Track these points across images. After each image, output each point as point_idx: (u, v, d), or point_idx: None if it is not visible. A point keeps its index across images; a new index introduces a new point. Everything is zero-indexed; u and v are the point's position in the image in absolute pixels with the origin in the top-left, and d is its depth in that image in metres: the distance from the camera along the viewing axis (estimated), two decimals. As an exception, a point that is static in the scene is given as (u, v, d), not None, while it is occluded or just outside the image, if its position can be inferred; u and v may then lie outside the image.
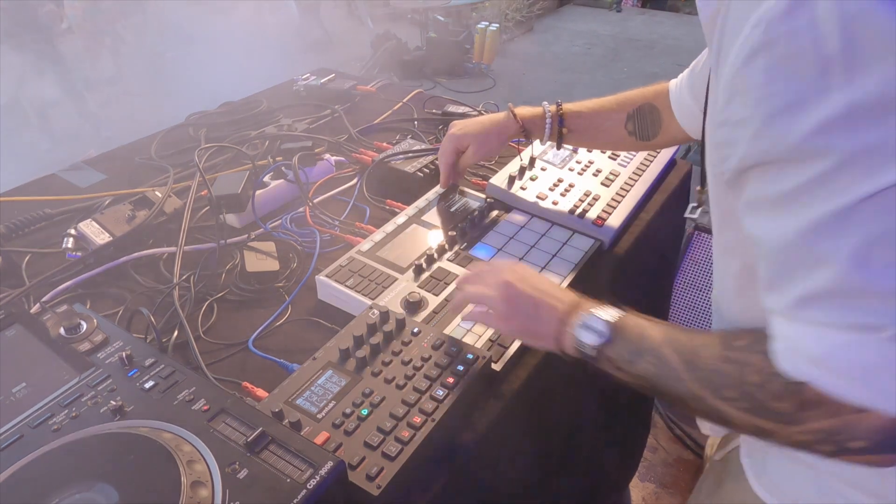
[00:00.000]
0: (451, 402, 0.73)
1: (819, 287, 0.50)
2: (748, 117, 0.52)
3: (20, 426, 0.63)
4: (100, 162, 1.40)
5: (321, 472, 0.59)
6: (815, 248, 0.49)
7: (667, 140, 1.08)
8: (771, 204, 0.53)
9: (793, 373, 0.53)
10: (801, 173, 0.49)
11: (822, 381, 0.51)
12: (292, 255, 1.07)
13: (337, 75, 1.74)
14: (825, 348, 0.50)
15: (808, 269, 0.50)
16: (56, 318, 0.76)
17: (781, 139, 0.50)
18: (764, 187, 0.53)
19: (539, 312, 0.75)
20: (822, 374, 0.51)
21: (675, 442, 2.09)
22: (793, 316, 0.52)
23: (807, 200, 0.49)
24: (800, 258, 0.51)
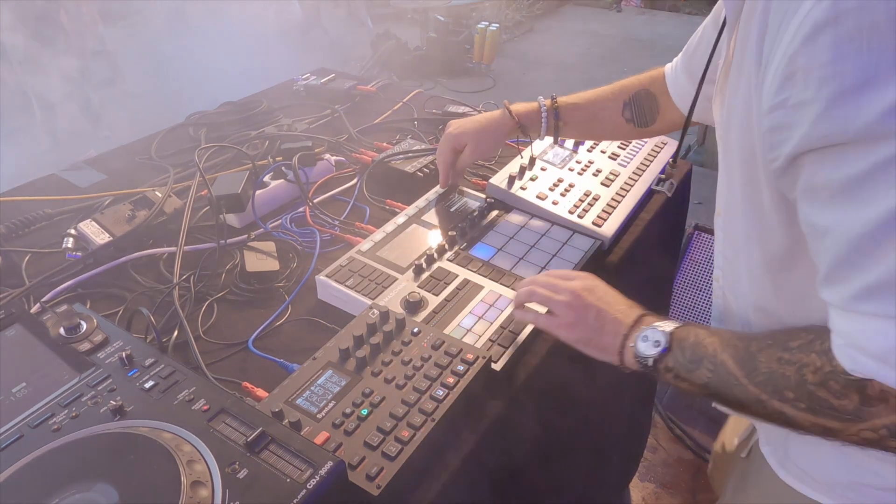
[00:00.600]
0: (451, 402, 0.73)
1: (881, 278, 0.48)
2: (810, 99, 0.48)
3: (20, 426, 0.63)
4: (100, 162, 1.40)
5: (321, 472, 0.59)
6: (883, 239, 0.47)
7: (665, 126, 1.07)
8: (834, 192, 0.50)
9: (854, 370, 0.52)
10: (867, 157, 0.47)
11: (886, 376, 0.50)
12: (292, 255, 1.07)
13: (337, 75, 1.74)
14: (889, 343, 0.49)
15: (873, 260, 0.48)
16: (56, 318, 0.76)
17: (850, 121, 0.46)
18: (824, 173, 0.50)
19: (604, 325, 0.75)
20: (886, 369, 0.49)
21: (675, 442, 2.09)
22: (851, 308, 0.51)
23: (876, 188, 0.47)
24: (865, 249, 0.49)
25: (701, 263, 2.15)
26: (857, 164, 0.48)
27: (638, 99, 1.05)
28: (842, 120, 0.47)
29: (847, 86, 0.46)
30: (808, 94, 0.49)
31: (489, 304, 0.92)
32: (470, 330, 0.88)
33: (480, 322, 0.89)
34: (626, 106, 1.06)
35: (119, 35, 4.78)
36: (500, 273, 0.98)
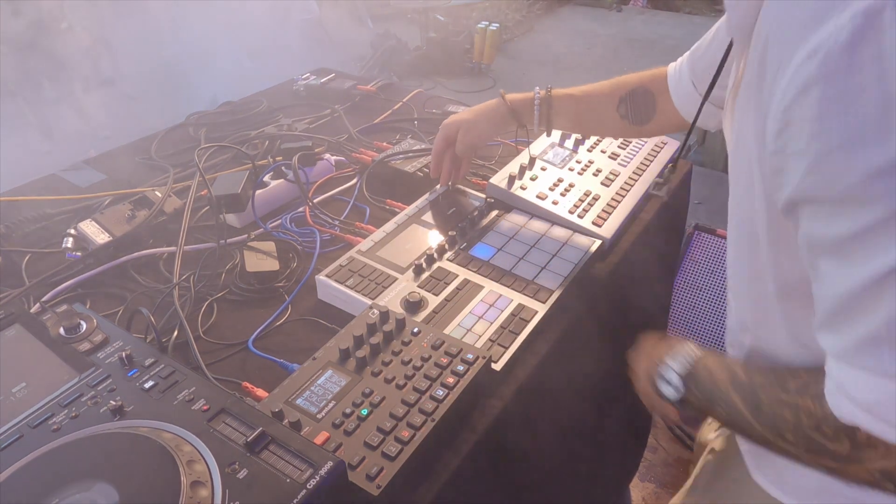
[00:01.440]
0: (451, 402, 0.73)
1: (877, 334, 0.49)
2: (802, 151, 0.49)
3: (20, 426, 0.63)
4: (100, 162, 1.40)
5: (321, 472, 0.59)
6: (878, 297, 0.48)
7: (662, 126, 1.06)
8: (829, 247, 0.51)
9: (842, 416, 0.53)
10: (857, 218, 0.47)
11: (871, 427, 0.51)
12: (292, 254, 1.07)
13: (337, 75, 1.75)
14: (876, 396, 0.50)
15: (869, 315, 0.49)
16: (56, 317, 0.76)
17: (836, 178, 0.47)
18: (819, 227, 0.51)
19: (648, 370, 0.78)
20: (872, 420, 0.51)
21: (675, 442, 2.09)
22: (848, 360, 0.52)
23: (869, 249, 0.48)
24: (861, 305, 0.50)
25: (701, 263, 2.15)
26: (846, 224, 0.48)
27: (635, 96, 1.04)
28: (829, 176, 0.48)
29: (833, 144, 0.46)
30: (800, 144, 0.49)
31: (489, 304, 0.92)
32: (470, 330, 0.88)
33: (480, 322, 0.89)
34: (621, 102, 1.05)
35: (119, 34, 4.78)
36: (500, 273, 0.98)
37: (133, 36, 4.63)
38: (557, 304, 0.95)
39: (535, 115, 1.07)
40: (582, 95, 1.07)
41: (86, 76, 4.58)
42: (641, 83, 1.05)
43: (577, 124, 1.13)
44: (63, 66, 4.27)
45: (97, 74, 4.83)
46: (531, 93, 1.07)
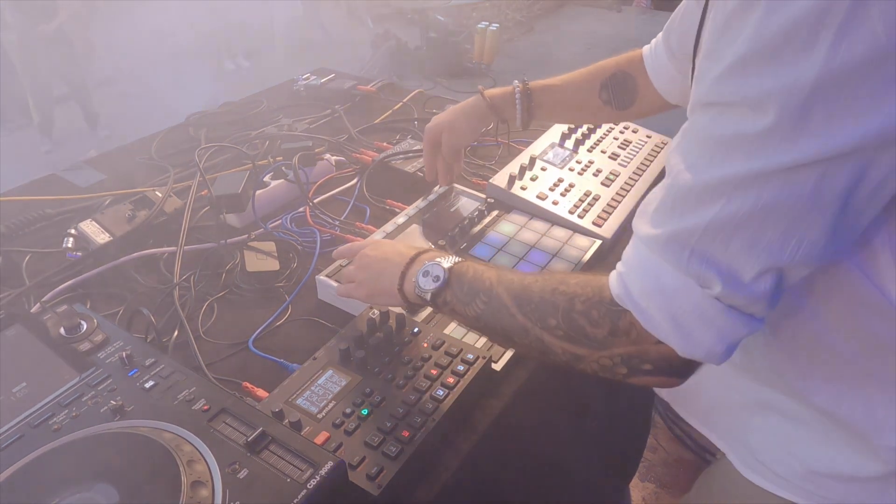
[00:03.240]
0: (451, 402, 0.73)
1: (689, 230, 0.52)
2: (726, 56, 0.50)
3: (20, 426, 0.63)
4: (100, 162, 1.40)
5: (321, 472, 0.59)
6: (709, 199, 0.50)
7: (644, 108, 1.06)
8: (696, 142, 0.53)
9: (619, 297, 0.57)
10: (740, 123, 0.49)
11: (642, 314, 0.56)
12: (292, 254, 1.07)
13: (337, 75, 1.75)
14: (657, 286, 0.54)
15: (692, 212, 0.52)
16: (56, 317, 0.76)
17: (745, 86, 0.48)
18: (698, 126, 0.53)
19: (383, 269, 0.80)
20: (645, 308, 0.55)
21: (675, 442, 2.09)
22: (652, 247, 0.55)
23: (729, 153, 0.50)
24: (691, 202, 0.52)
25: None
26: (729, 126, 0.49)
27: (615, 80, 1.04)
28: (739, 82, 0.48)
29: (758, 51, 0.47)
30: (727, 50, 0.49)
31: (489, 304, 0.92)
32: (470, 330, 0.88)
33: (480, 322, 0.89)
34: (602, 87, 1.04)
35: (118, 34, 4.78)
36: (501, 273, 0.98)
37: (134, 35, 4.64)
38: (557, 304, 0.94)
39: (518, 109, 1.06)
40: (562, 84, 1.07)
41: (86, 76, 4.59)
42: (619, 67, 1.05)
43: (561, 115, 1.13)
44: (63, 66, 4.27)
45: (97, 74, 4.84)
46: (510, 87, 1.07)
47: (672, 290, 0.53)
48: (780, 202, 0.48)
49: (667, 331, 0.55)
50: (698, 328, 0.53)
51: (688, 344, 0.55)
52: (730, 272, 0.51)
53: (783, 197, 0.48)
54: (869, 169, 0.46)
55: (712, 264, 0.51)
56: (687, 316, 0.53)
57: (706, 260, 0.51)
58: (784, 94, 0.46)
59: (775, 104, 0.46)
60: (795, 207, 0.48)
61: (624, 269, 0.58)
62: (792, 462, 0.73)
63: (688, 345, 0.55)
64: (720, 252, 0.51)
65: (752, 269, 0.50)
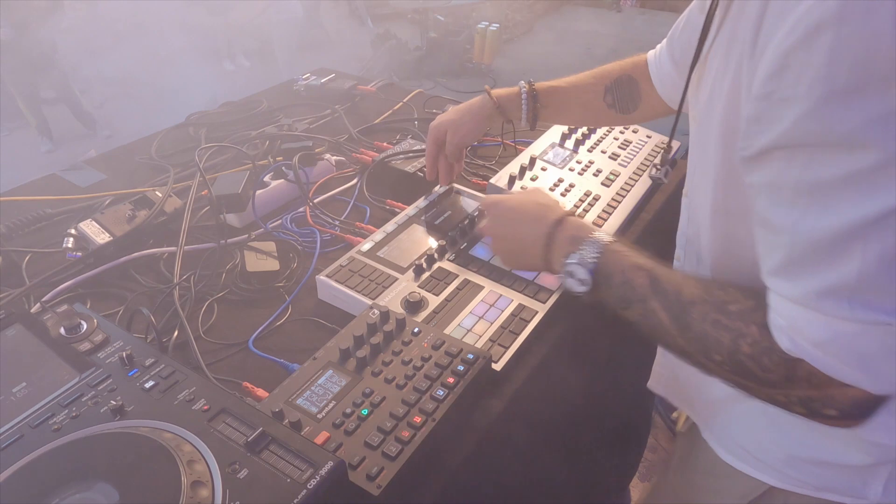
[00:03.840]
0: (451, 402, 0.73)
1: (839, 283, 0.50)
2: (798, 96, 0.48)
3: (20, 426, 0.63)
4: (100, 162, 1.40)
5: (321, 472, 0.59)
6: (844, 247, 0.49)
7: (648, 113, 1.07)
8: (799, 192, 0.51)
9: (791, 350, 0.54)
10: (840, 164, 0.47)
11: (821, 363, 0.53)
12: (292, 254, 1.07)
13: (337, 75, 1.74)
14: (830, 335, 0.52)
15: (831, 264, 0.50)
16: (56, 317, 0.76)
17: (834, 124, 0.47)
18: (793, 173, 0.51)
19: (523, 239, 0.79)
20: (823, 356, 0.53)
21: (675, 442, 2.09)
22: (805, 304, 0.53)
23: (844, 195, 0.48)
24: (825, 254, 0.50)
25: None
26: (830, 168, 0.48)
27: (620, 84, 1.05)
28: (827, 122, 0.47)
29: (838, 89, 0.46)
30: (797, 90, 0.48)
31: (489, 304, 0.92)
32: (470, 330, 0.88)
33: (480, 322, 0.89)
34: (607, 91, 1.05)
35: (118, 34, 4.78)
36: (500, 273, 0.98)
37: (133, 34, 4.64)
38: (557, 305, 0.94)
39: (524, 110, 1.07)
40: (568, 87, 1.08)
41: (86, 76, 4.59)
42: (624, 71, 1.06)
43: (565, 116, 1.14)
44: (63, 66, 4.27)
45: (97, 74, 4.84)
46: (516, 87, 1.07)
47: (851, 336, 0.51)
48: None
49: (855, 376, 0.53)
50: (888, 363, 0.52)
51: (880, 382, 0.53)
52: None
53: None
54: None
55: (877, 308, 0.49)
56: (873, 356, 0.52)
57: (869, 307, 0.50)
58: (880, 125, 0.45)
59: (874, 138, 0.45)
60: None
61: (785, 322, 0.55)
62: (773, 447, 0.74)
63: (880, 383, 0.53)
64: (879, 297, 0.49)
65: None
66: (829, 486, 0.73)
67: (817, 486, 0.73)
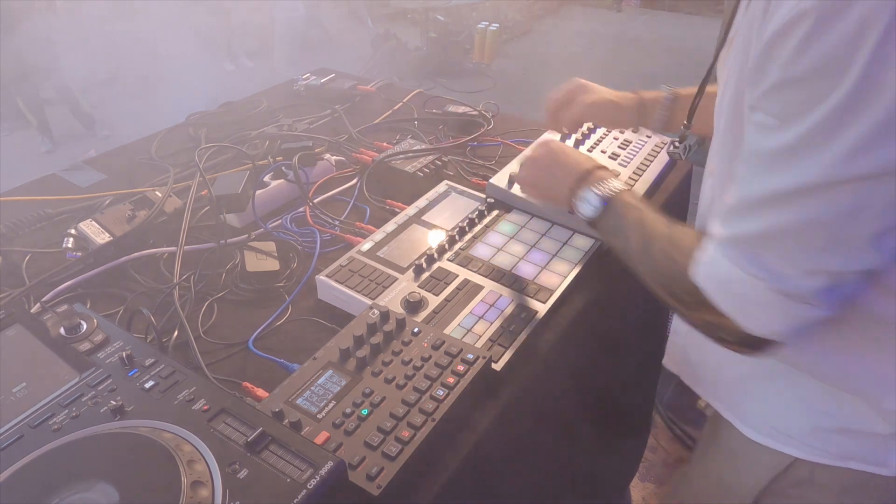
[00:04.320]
0: (451, 402, 0.73)
1: (744, 235, 0.62)
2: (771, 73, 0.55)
3: (20, 426, 0.63)
4: (100, 162, 1.40)
5: (321, 472, 0.59)
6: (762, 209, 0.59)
7: None
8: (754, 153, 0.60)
9: (701, 284, 0.67)
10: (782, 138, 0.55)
11: (711, 295, 0.66)
12: (292, 254, 1.07)
13: (337, 75, 1.74)
14: (723, 274, 0.64)
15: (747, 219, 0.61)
16: (56, 317, 0.76)
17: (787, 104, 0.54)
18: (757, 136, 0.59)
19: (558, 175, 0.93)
20: (714, 290, 0.66)
21: (675, 442, 2.09)
22: (718, 244, 0.65)
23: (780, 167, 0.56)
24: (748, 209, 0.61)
25: (701, 263, 2.15)
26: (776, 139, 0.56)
27: None
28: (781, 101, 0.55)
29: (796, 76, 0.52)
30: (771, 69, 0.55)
31: (489, 304, 0.92)
32: (470, 330, 0.88)
33: (480, 322, 0.89)
34: None
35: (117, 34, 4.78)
36: (501, 273, 0.98)
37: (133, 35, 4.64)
38: (557, 305, 0.95)
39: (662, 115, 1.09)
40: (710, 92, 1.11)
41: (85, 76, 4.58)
42: None
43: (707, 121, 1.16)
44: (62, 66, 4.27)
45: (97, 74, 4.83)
46: (660, 93, 1.09)
47: (733, 282, 0.63)
48: (820, 217, 0.55)
49: (732, 312, 0.65)
50: (760, 313, 0.63)
51: (752, 325, 0.64)
52: (777, 271, 0.59)
53: (822, 213, 0.54)
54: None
55: (762, 266, 0.60)
56: (748, 303, 0.63)
57: (762, 264, 0.60)
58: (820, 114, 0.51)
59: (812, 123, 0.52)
60: (835, 223, 0.54)
61: (699, 256, 0.67)
62: (799, 420, 0.78)
63: (752, 326, 0.64)
64: (773, 257, 0.59)
65: (797, 270, 0.58)
66: (853, 455, 0.76)
67: (841, 455, 0.77)
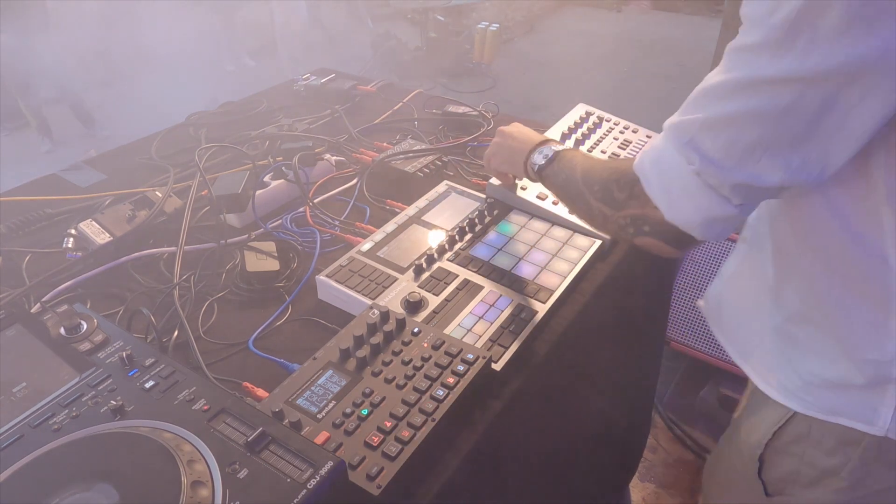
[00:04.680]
0: (451, 402, 0.73)
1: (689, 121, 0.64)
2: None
3: (20, 426, 0.63)
4: (100, 162, 1.40)
5: (321, 471, 0.59)
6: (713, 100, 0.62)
7: None
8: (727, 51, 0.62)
9: (636, 167, 0.71)
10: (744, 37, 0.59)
11: (644, 178, 0.70)
12: (292, 255, 1.07)
13: (337, 75, 1.75)
14: (658, 156, 0.68)
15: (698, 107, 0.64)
16: (56, 317, 0.76)
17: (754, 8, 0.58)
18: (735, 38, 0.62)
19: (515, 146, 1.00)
20: (647, 173, 0.69)
21: (675, 442, 2.09)
22: (665, 128, 0.68)
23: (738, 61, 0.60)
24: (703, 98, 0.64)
25: (701, 263, 2.15)
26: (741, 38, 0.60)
27: None
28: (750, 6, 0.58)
29: None
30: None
31: (489, 304, 0.92)
32: (470, 330, 0.88)
33: (480, 322, 0.89)
34: None
35: (119, 36, 4.78)
36: (501, 273, 0.98)
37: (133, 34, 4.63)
38: (557, 304, 0.95)
39: None
40: None
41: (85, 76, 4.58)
42: None
43: None
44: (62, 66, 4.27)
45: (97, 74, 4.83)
46: None
47: (667, 164, 0.67)
48: (761, 110, 0.58)
49: (658, 196, 0.68)
50: (680, 198, 0.67)
51: (671, 210, 0.68)
52: (712, 158, 0.63)
53: (763, 106, 0.58)
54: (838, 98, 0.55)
55: (701, 151, 0.63)
56: (674, 186, 0.67)
57: (697, 147, 0.64)
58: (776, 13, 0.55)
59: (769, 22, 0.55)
60: (772, 116, 0.58)
61: (647, 146, 0.71)
62: (792, 376, 0.81)
63: (671, 211, 0.68)
64: (709, 143, 0.63)
65: (730, 160, 0.62)
66: (841, 411, 0.78)
67: (831, 411, 0.78)
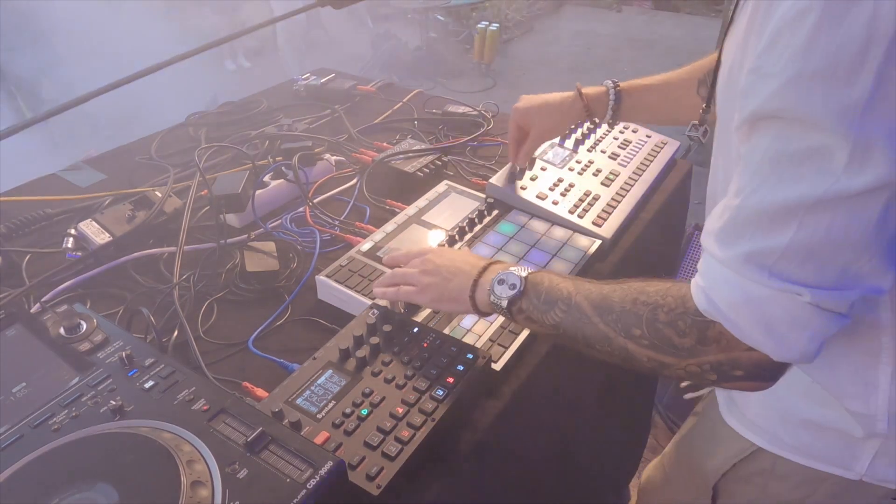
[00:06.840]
0: (451, 402, 0.73)
1: (766, 251, 0.55)
2: (777, 72, 0.51)
3: (20, 426, 0.63)
4: (100, 162, 1.40)
5: (321, 472, 0.59)
6: (783, 221, 0.53)
7: None
8: (763, 160, 0.54)
9: (707, 312, 0.59)
10: (801, 141, 0.51)
11: (730, 324, 0.58)
12: (292, 254, 1.07)
13: (337, 75, 1.75)
14: (744, 297, 0.57)
15: (766, 234, 0.54)
16: (56, 317, 0.76)
17: (800, 104, 0.50)
18: (762, 142, 0.54)
19: (452, 276, 0.81)
20: (734, 318, 0.58)
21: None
22: (729, 266, 0.57)
23: (797, 173, 0.51)
24: (764, 223, 0.54)
25: (701, 263, 2.15)
26: (792, 143, 0.51)
27: None
28: (794, 99, 0.50)
29: (808, 71, 0.49)
30: (776, 67, 0.51)
31: (489, 304, 0.92)
32: (470, 330, 0.88)
33: (480, 322, 0.89)
34: (700, 83, 1.05)
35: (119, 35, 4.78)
36: (500, 273, 0.98)
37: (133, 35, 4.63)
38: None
39: (609, 109, 1.09)
40: (660, 84, 1.09)
41: (85, 75, 4.58)
42: None
43: (656, 114, 1.15)
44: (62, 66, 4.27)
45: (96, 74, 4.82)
46: (603, 87, 1.09)
47: (761, 301, 0.56)
48: (850, 229, 0.51)
49: (759, 339, 0.57)
50: (791, 332, 0.56)
51: (781, 348, 0.57)
52: (812, 284, 0.54)
53: (852, 224, 0.51)
54: None
55: (793, 281, 0.54)
56: (779, 322, 0.56)
57: (786, 279, 0.54)
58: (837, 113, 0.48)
59: (830, 124, 0.48)
60: (865, 234, 0.51)
61: (705, 283, 0.60)
62: (769, 411, 0.78)
63: (781, 349, 0.57)
64: (797, 271, 0.54)
65: (829, 280, 0.54)
66: (817, 454, 0.75)
67: (807, 453, 0.76)
